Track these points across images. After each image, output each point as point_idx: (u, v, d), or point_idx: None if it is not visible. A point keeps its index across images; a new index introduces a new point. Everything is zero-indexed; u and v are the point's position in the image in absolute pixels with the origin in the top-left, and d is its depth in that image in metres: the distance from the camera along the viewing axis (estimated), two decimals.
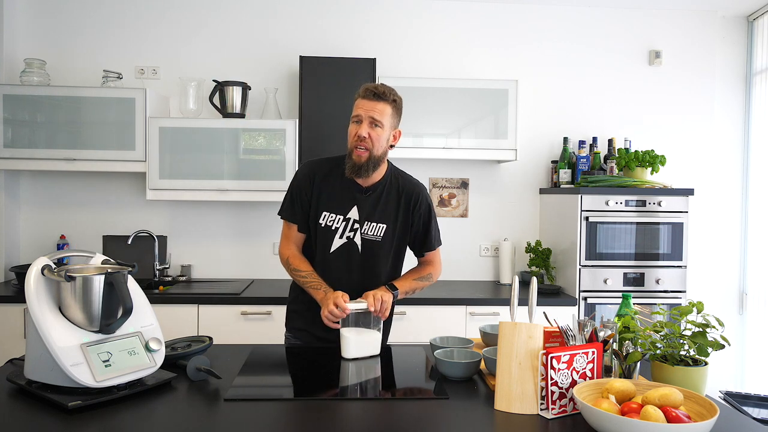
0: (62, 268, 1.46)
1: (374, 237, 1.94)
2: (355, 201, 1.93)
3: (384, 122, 1.85)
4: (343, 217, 1.93)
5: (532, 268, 3.45)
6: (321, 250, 1.95)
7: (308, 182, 1.95)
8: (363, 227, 1.93)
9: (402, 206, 1.97)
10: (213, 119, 3.21)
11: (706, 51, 3.67)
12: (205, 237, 3.51)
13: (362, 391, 1.55)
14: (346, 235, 1.93)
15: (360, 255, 1.94)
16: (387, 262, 1.99)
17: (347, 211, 1.93)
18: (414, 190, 1.99)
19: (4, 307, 2.87)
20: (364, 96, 1.85)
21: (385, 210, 1.95)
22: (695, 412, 1.23)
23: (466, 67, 3.59)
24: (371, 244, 1.94)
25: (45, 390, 1.38)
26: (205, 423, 1.32)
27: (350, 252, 1.94)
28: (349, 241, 1.94)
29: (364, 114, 1.84)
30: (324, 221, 1.93)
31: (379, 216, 1.94)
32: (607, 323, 1.50)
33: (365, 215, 1.93)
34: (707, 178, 3.68)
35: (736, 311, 3.71)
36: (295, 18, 3.53)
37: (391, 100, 1.85)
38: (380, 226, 1.94)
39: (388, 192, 1.96)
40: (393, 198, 1.96)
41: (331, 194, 1.93)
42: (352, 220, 1.93)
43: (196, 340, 1.82)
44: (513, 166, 3.62)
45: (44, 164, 3.11)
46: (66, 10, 3.44)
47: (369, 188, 1.94)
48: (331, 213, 1.93)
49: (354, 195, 1.93)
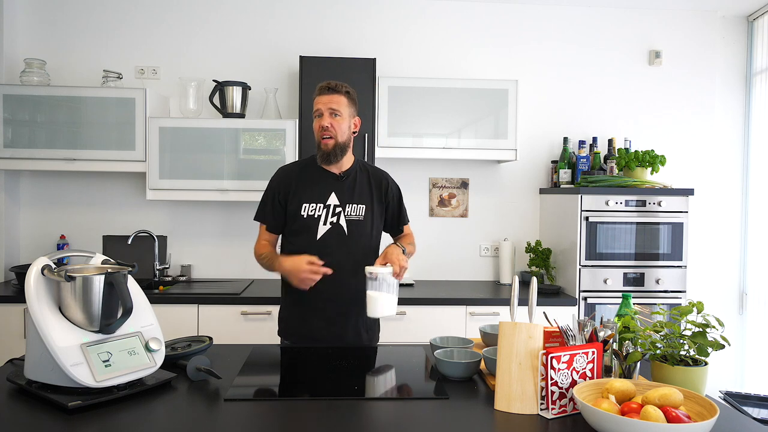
0: (62, 268, 1.46)
1: (358, 217, 2.10)
2: (332, 188, 2.10)
3: (341, 111, 2.06)
4: (323, 204, 2.08)
5: (532, 268, 3.45)
6: (307, 239, 2.07)
7: (282, 184, 2.13)
8: (346, 210, 2.09)
9: (374, 190, 2.16)
10: (213, 119, 3.21)
11: (706, 51, 3.67)
12: (205, 237, 3.51)
13: (362, 391, 1.55)
14: (330, 221, 2.07)
15: (347, 236, 2.08)
16: (370, 240, 2.14)
17: (326, 198, 2.09)
18: (382, 176, 2.22)
19: (4, 307, 2.87)
20: (320, 93, 2.08)
21: (361, 193, 2.14)
22: (695, 412, 1.23)
23: (466, 67, 3.59)
24: (356, 224, 2.09)
25: (45, 390, 1.38)
26: (205, 423, 1.32)
27: (338, 235, 2.07)
28: (334, 226, 2.07)
29: (323, 107, 2.06)
30: (305, 212, 2.07)
31: (358, 198, 2.12)
32: (607, 323, 1.50)
33: (345, 199, 2.10)
34: (707, 178, 3.68)
35: (736, 311, 3.71)
36: (295, 18, 3.53)
37: (344, 92, 2.07)
38: (360, 207, 2.12)
39: (361, 177, 2.16)
40: (365, 182, 2.16)
41: (309, 187, 2.10)
42: (333, 205, 2.09)
43: (196, 340, 1.82)
44: (513, 166, 3.62)
45: (44, 164, 3.11)
46: (66, 10, 3.44)
47: (343, 174, 2.12)
48: (311, 203, 2.08)
49: (330, 183, 2.11)
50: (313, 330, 2.08)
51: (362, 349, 2.00)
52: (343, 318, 2.09)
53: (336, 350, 1.90)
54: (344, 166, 2.13)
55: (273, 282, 3.41)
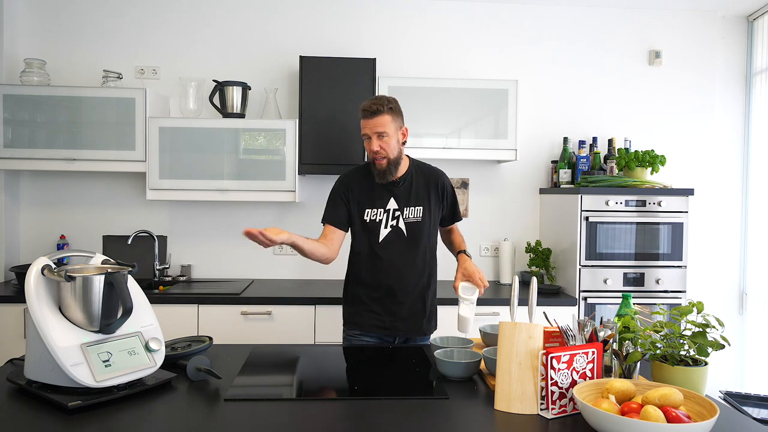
0: (62, 268, 1.46)
1: (416, 219, 2.21)
2: (390, 194, 2.21)
3: (387, 131, 2.11)
4: (383, 209, 2.20)
5: (532, 268, 3.45)
6: (370, 242, 2.20)
7: (345, 189, 2.24)
8: (404, 213, 2.20)
9: (431, 190, 2.25)
10: (213, 119, 3.21)
11: (706, 51, 3.67)
12: (205, 237, 3.51)
13: (362, 391, 1.55)
14: (390, 224, 2.19)
15: (407, 238, 2.19)
16: (428, 239, 2.25)
17: (386, 203, 2.21)
18: (437, 175, 2.30)
19: (4, 307, 2.87)
20: (363, 117, 2.13)
21: (418, 195, 2.23)
22: (695, 412, 1.23)
23: (466, 67, 3.59)
24: (414, 226, 2.20)
25: (45, 390, 1.38)
26: (205, 423, 1.32)
27: (398, 237, 2.19)
28: (394, 229, 2.19)
29: (369, 132, 2.13)
30: (368, 217, 2.20)
31: (415, 200, 2.22)
32: (607, 323, 1.50)
33: (403, 203, 2.21)
34: (707, 178, 3.68)
35: (736, 311, 3.71)
36: (295, 18, 3.53)
37: (386, 110, 2.11)
38: (418, 209, 2.21)
39: (417, 180, 2.25)
40: (422, 184, 2.25)
41: (369, 194, 2.22)
42: (392, 210, 2.20)
43: (196, 340, 1.82)
44: (513, 166, 3.62)
45: (44, 164, 3.11)
46: (66, 10, 3.44)
47: (399, 180, 2.21)
48: (372, 209, 2.20)
49: (389, 189, 2.21)
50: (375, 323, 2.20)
51: (362, 349, 2.00)
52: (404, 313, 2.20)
53: (336, 350, 1.90)
54: (400, 172, 2.21)
55: (273, 282, 3.42)
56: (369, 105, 2.11)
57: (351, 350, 1.93)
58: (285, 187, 3.16)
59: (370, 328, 2.20)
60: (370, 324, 2.20)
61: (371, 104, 2.11)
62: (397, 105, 2.17)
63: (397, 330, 2.19)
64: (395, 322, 2.19)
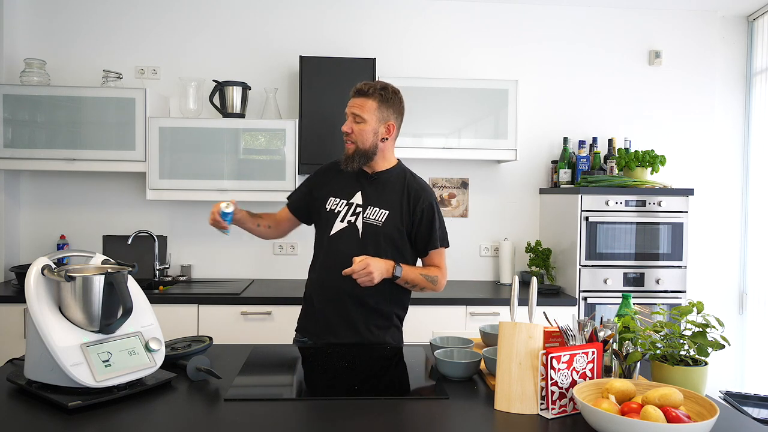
0: (62, 268, 1.46)
1: (375, 222, 1.98)
2: (360, 186, 2.03)
3: (366, 117, 1.95)
4: (346, 201, 2.02)
5: (532, 268, 3.45)
6: (322, 234, 2.04)
7: (322, 172, 2.12)
8: (366, 211, 1.99)
9: (405, 198, 2.01)
10: (213, 119, 3.21)
11: (706, 51, 3.67)
12: (205, 237, 3.51)
13: (362, 391, 1.55)
14: (347, 219, 1.99)
15: (360, 240, 1.97)
16: (388, 251, 1.97)
17: (352, 195, 2.02)
18: (420, 188, 2.04)
19: (4, 307, 2.87)
20: (351, 95, 2.01)
21: (390, 197, 2.01)
22: (695, 412, 1.23)
23: (466, 67, 3.59)
24: (372, 229, 1.97)
25: (45, 390, 1.38)
26: (205, 423, 1.32)
27: (350, 236, 1.98)
28: (350, 225, 1.99)
29: (348, 110, 1.99)
30: (329, 206, 2.03)
31: (382, 202, 2.00)
32: (607, 323, 1.50)
33: (369, 200, 2.00)
34: (707, 178, 3.67)
35: (736, 311, 3.71)
36: (295, 18, 3.53)
37: (375, 95, 1.95)
38: (383, 212, 1.99)
39: (394, 182, 2.04)
40: (398, 189, 2.03)
41: (340, 181, 2.05)
42: (355, 204, 2.01)
43: (196, 340, 1.82)
44: (513, 166, 3.62)
45: (44, 164, 3.11)
46: (66, 10, 3.44)
47: (375, 174, 2.03)
48: (336, 198, 2.03)
49: (360, 180, 2.03)
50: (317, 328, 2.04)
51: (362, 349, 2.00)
52: (345, 320, 2.00)
53: (336, 350, 1.90)
54: (378, 168, 2.03)
55: (273, 282, 3.41)
56: (362, 84, 1.99)
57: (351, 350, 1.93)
58: (285, 187, 3.15)
59: (311, 336, 2.04)
60: (312, 331, 2.04)
61: (364, 84, 1.98)
62: (395, 97, 1.99)
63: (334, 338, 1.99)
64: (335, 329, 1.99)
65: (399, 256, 2.00)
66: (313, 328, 2.05)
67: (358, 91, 1.98)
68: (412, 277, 1.98)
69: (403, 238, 2.01)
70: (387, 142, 2.01)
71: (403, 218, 1.99)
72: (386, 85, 1.99)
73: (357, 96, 1.98)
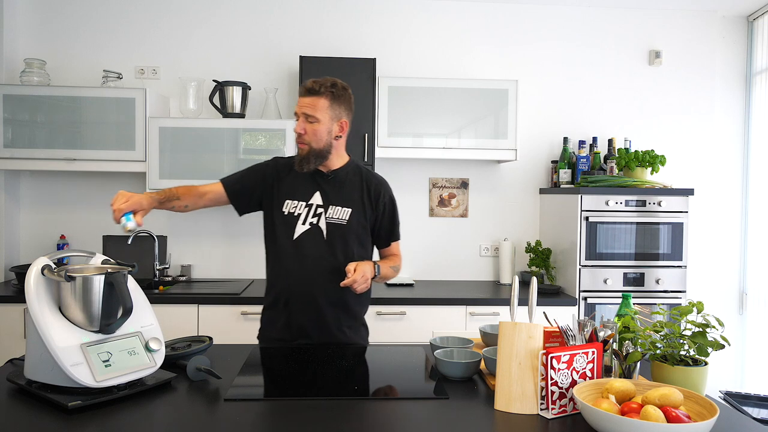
0: (62, 268, 1.46)
1: (339, 221, 1.96)
2: (317, 186, 1.97)
3: (319, 116, 1.89)
4: (305, 203, 1.96)
5: (532, 268, 3.45)
6: (284, 238, 1.96)
7: (272, 171, 2.01)
8: (328, 211, 1.96)
9: (365, 194, 2.01)
10: (213, 119, 3.21)
11: (706, 51, 3.67)
12: (206, 237, 3.51)
13: (362, 391, 1.55)
14: (310, 221, 1.95)
15: (325, 241, 1.94)
16: (354, 248, 1.98)
17: (310, 196, 1.97)
18: (378, 182, 2.05)
19: (4, 307, 2.87)
20: (300, 93, 1.93)
21: (350, 195, 1.99)
22: (695, 412, 1.23)
23: (466, 67, 3.59)
24: (337, 228, 1.95)
25: (45, 390, 1.38)
26: (205, 423, 1.32)
27: (315, 238, 1.94)
28: (313, 227, 1.95)
29: (299, 111, 1.92)
30: (287, 209, 1.96)
31: (344, 200, 1.98)
32: (607, 323, 1.50)
33: (329, 200, 1.97)
34: (707, 178, 3.67)
35: (736, 311, 3.71)
36: (295, 18, 3.53)
37: (326, 93, 1.89)
38: (345, 210, 1.97)
39: (352, 178, 2.02)
40: (357, 185, 2.01)
41: (295, 182, 1.98)
42: (315, 205, 1.96)
43: (196, 340, 1.82)
44: (513, 166, 3.62)
45: (44, 164, 3.11)
46: (66, 10, 3.43)
47: (331, 173, 1.99)
48: (293, 200, 1.97)
49: (316, 180, 1.98)
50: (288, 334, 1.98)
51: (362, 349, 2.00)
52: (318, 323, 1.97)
53: (336, 350, 1.90)
54: (333, 166, 1.99)
55: None
56: (310, 82, 1.90)
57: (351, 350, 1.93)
58: None
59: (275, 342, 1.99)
60: (278, 337, 1.98)
61: (312, 82, 1.90)
62: (345, 93, 1.94)
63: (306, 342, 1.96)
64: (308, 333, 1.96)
65: (364, 251, 2.02)
66: (280, 334, 1.99)
67: (308, 90, 1.90)
68: (385, 272, 2.02)
69: (367, 233, 2.03)
70: (341, 139, 1.98)
71: (366, 214, 2.00)
72: (335, 82, 1.93)
73: (307, 95, 1.91)
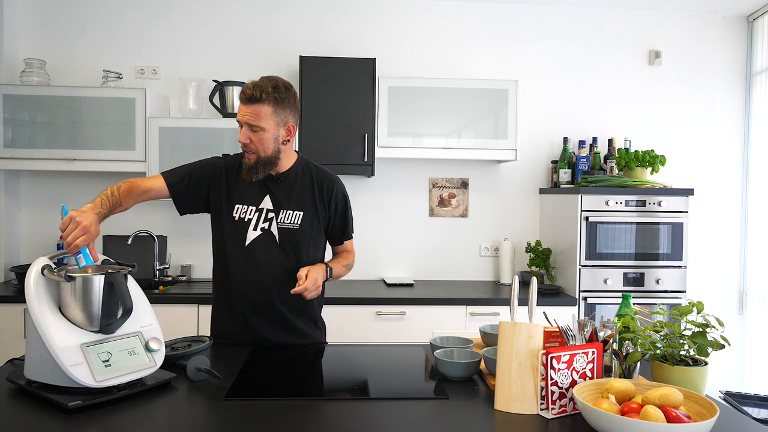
0: (62, 268, 1.46)
1: (292, 225, 1.91)
2: (267, 190, 1.91)
3: (263, 124, 1.80)
4: (255, 207, 1.90)
5: (532, 268, 3.45)
6: (234, 245, 1.90)
7: (219, 171, 1.93)
8: (279, 216, 1.90)
9: (317, 195, 1.95)
10: (213, 119, 3.21)
11: (706, 51, 3.67)
12: (205, 237, 3.47)
13: (363, 391, 1.55)
14: (261, 227, 1.90)
15: (278, 246, 1.90)
16: (308, 251, 1.94)
17: (260, 201, 1.90)
18: (329, 180, 1.99)
19: (4, 307, 2.87)
20: (241, 100, 1.83)
21: (301, 197, 1.93)
22: (695, 412, 1.23)
23: (466, 67, 3.59)
24: (289, 233, 1.90)
25: (45, 390, 1.38)
26: (205, 423, 1.32)
27: (267, 244, 1.89)
28: (265, 233, 1.90)
29: (241, 120, 1.83)
30: (237, 214, 1.90)
31: (295, 203, 1.92)
32: (607, 323, 1.50)
33: (280, 204, 1.91)
34: (707, 178, 3.68)
35: (736, 311, 3.71)
36: (295, 18, 3.53)
37: (269, 99, 1.78)
38: (297, 214, 1.92)
39: (302, 180, 1.95)
40: (307, 186, 1.95)
41: (243, 187, 1.91)
42: (266, 210, 1.90)
43: (196, 340, 1.82)
44: (513, 166, 3.62)
45: (44, 164, 3.11)
46: (66, 10, 3.44)
47: (280, 175, 1.92)
48: (243, 205, 1.90)
49: (266, 184, 1.91)
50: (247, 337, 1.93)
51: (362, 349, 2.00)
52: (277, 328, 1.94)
53: (336, 350, 1.90)
54: (282, 168, 1.91)
55: None
56: (250, 88, 1.78)
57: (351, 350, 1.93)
58: None
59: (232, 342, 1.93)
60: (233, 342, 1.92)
61: (252, 88, 1.78)
62: (288, 94, 1.83)
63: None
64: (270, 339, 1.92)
65: (317, 252, 1.99)
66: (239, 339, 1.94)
67: (249, 98, 1.78)
68: (338, 272, 2.00)
69: (320, 234, 1.99)
70: (288, 143, 1.90)
71: (318, 215, 1.95)
72: (277, 84, 1.81)
73: (249, 103, 1.79)
